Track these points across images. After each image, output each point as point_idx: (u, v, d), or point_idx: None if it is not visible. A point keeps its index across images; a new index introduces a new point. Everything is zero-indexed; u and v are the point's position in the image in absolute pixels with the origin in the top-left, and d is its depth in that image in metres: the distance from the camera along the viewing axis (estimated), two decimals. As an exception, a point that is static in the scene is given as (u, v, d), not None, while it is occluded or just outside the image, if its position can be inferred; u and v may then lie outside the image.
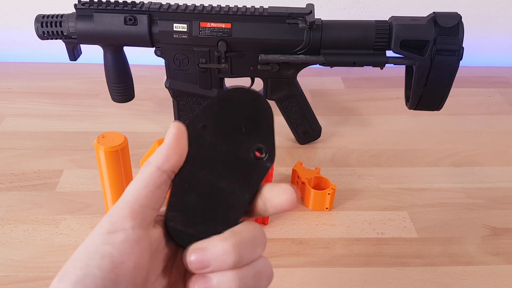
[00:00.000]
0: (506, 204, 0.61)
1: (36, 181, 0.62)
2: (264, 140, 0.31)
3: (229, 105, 0.30)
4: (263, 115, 0.31)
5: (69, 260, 0.27)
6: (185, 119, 0.70)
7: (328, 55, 0.61)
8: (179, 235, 0.31)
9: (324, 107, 0.81)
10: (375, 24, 0.60)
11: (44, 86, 0.84)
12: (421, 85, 0.61)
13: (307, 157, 0.69)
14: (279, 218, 0.58)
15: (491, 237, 0.56)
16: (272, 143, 0.31)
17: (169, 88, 0.67)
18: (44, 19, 0.61)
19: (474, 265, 0.53)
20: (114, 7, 0.60)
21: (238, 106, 0.30)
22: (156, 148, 0.58)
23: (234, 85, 0.57)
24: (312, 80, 0.89)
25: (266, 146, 0.30)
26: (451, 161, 0.69)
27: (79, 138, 0.71)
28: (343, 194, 0.62)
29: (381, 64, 0.61)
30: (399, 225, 0.57)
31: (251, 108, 0.31)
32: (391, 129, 0.76)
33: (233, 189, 0.30)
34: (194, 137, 0.30)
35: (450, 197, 0.62)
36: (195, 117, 0.30)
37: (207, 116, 0.30)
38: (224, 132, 0.30)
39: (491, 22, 0.95)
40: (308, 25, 0.58)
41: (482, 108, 0.82)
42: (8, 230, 0.55)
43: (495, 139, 0.74)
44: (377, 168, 0.67)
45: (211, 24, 0.60)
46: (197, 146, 0.30)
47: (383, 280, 0.51)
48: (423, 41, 0.58)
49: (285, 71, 0.64)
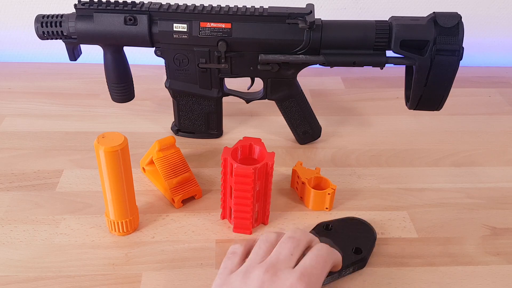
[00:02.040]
0: (506, 204, 0.61)
1: (36, 181, 0.62)
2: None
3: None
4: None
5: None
6: (185, 119, 0.70)
7: (328, 55, 0.61)
8: None
9: (324, 107, 0.81)
10: (375, 24, 0.60)
11: (44, 86, 0.84)
12: (421, 85, 0.61)
13: (307, 157, 0.69)
14: (279, 218, 0.58)
15: (491, 237, 0.56)
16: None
17: (169, 88, 0.67)
18: (44, 19, 0.61)
19: (474, 265, 0.53)
20: (114, 7, 0.60)
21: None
22: (156, 148, 0.58)
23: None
24: (312, 80, 0.89)
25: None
26: (451, 161, 0.69)
27: (79, 138, 0.71)
28: (343, 194, 0.62)
29: (381, 64, 0.61)
30: (399, 225, 0.57)
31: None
32: (391, 129, 0.76)
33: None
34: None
35: (450, 197, 0.62)
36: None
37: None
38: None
39: (491, 22, 0.95)
40: (308, 25, 0.58)
41: (482, 108, 0.82)
42: (8, 230, 0.55)
43: (495, 139, 0.74)
44: (377, 168, 0.67)
45: (211, 24, 0.60)
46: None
47: (383, 280, 0.51)
48: (423, 41, 0.58)
49: (285, 71, 0.64)
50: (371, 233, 0.54)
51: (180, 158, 0.60)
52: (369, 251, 0.52)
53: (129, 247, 0.53)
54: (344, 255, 0.49)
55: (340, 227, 0.54)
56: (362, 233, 0.54)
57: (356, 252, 0.51)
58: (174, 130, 0.72)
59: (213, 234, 0.55)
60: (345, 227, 0.54)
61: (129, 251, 0.53)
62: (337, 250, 0.48)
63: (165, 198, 0.60)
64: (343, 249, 0.50)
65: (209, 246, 0.54)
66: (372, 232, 0.54)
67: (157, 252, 0.53)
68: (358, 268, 0.51)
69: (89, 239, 0.54)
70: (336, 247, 0.50)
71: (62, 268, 0.50)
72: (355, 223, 0.55)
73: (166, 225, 0.56)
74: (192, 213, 0.58)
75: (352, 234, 0.53)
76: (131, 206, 0.53)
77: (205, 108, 0.68)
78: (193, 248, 0.53)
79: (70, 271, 0.50)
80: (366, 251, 0.51)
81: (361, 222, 0.56)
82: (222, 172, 0.53)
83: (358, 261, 0.50)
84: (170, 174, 0.58)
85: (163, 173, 0.58)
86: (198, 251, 0.53)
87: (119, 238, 0.54)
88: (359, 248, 0.51)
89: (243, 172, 0.50)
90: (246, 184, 0.51)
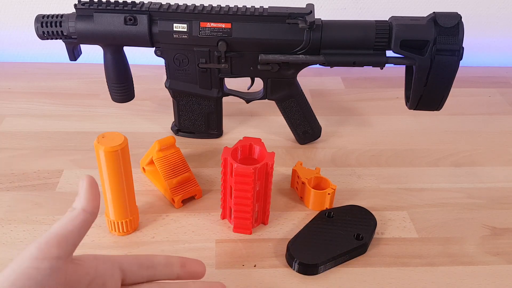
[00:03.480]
0: (506, 204, 0.61)
1: (36, 181, 0.62)
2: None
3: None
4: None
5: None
6: (185, 119, 0.70)
7: (328, 55, 0.61)
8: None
9: (324, 107, 0.81)
10: (375, 24, 0.60)
11: (44, 86, 0.84)
12: (421, 85, 0.61)
13: (307, 157, 0.69)
14: (279, 218, 0.58)
15: (491, 237, 0.56)
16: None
17: (169, 88, 0.67)
18: (44, 19, 0.61)
19: (474, 265, 0.53)
20: (114, 7, 0.60)
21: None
22: (156, 148, 0.58)
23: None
24: (312, 80, 0.89)
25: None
26: (451, 161, 0.69)
27: (79, 138, 0.71)
28: (343, 194, 0.62)
29: (381, 64, 0.61)
30: (399, 225, 0.57)
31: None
32: (391, 129, 0.76)
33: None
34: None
35: (450, 197, 0.62)
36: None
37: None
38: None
39: (491, 22, 0.95)
40: (308, 25, 0.58)
41: (482, 108, 0.82)
42: (8, 230, 0.55)
43: (495, 139, 0.74)
44: (377, 168, 0.67)
45: (211, 24, 0.60)
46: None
47: (383, 280, 0.51)
48: (423, 41, 0.58)
49: (285, 71, 0.64)
50: (372, 220, 0.56)
51: (180, 158, 0.60)
52: (370, 237, 0.53)
53: (129, 247, 0.53)
54: (346, 242, 0.52)
55: (342, 214, 0.56)
56: (363, 220, 0.56)
57: (357, 238, 0.53)
58: (174, 130, 0.72)
59: (213, 234, 0.55)
60: (346, 214, 0.56)
61: (129, 251, 0.53)
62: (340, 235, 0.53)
63: (165, 198, 0.60)
64: (345, 235, 0.53)
65: (209, 246, 0.54)
66: (372, 219, 0.56)
67: (157, 252, 0.53)
68: (359, 253, 0.53)
69: (89, 239, 0.54)
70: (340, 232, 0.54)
71: (62, 268, 0.50)
72: (356, 211, 0.57)
73: (166, 225, 0.56)
74: (192, 213, 0.58)
75: (353, 221, 0.55)
76: (131, 206, 0.53)
77: (205, 108, 0.68)
78: (193, 248, 0.53)
79: (70, 271, 0.50)
80: (367, 237, 0.53)
81: (362, 209, 0.57)
82: (222, 172, 0.53)
83: (359, 247, 0.52)
84: (170, 174, 0.58)
85: (163, 173, 0.58)
86: (198, 251, 0.53)
87: (119, 238, 0.54)
88: (360, 234, 0.53)
89: (243, 172, 0.50)
90: (246, 184, 0.51)
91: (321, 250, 0.51)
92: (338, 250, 0.51)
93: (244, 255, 0.53)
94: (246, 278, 0.50)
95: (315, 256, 0.51)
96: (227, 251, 0.53)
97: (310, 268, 0.50)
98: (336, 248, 0.52)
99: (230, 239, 0.55)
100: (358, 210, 0.57)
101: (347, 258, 0.52)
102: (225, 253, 0.53)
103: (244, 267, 0.51)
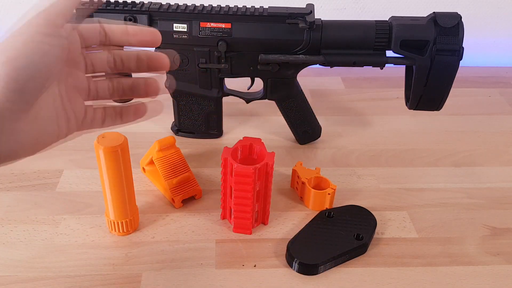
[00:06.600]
0: (506, 204, 0.61)
1: (36, 181, 0.62)
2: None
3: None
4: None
5: (6, 41, 0.32)
6: (185, 119, 0.70)
7: (328, 55, 0.61)
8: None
9: (324, 107, 0.81)
10: (375, 24, 0.60)
11: (44, 86, 0.84)
12: (421, 85, 0.61)
13: (307, 157, 0.69)
14: (278, 219, 0.58)
15: (491, 237, 0.56)
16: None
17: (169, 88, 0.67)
18: (44, 19, 0.61)
19: (474, 265, 0.53)
20: (114, 7, 0.60)
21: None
22: (156, 148, 0.58)
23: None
24: (312, 80, 0.89)
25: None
26: (451, 161, 0.69)
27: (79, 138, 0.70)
28: (343, 194, 0.62)
29: (381, 64, 0.61)
30: (399, 225, 0.57)
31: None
32: (391, 129, 0.76)
33: None
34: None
35: (450, 197, 0.62)
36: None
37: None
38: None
39: (491, 22, 0.95)
40: (308, 25, 0.58)
41: (482, 108, 0.82)
42: (8, 230, 0.55)
43: (495, 139, 0.74)
44: (377, 168, 0.67)
45: (211, 24, 0.60)
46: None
47: (383, 280, 0.51)
48: (423, 41, 0.58)
49: (285, 71, 0.64)
50: (372, 220, 0.56)
51: (180, 158, 0.60)
52: (369, 237, 0.53)
53: (129, 247, 0.53)
54: (346, 242, 0.52)
55: (342, 214, 0.56)
56: (363, 220, 0.56)
57: (357, 238, 0.53)
58: (174, 130, 0.72)
59: (213, 234, 0.55)
60: (346, 214, 0.56)
61: (129, 251, 0.53)
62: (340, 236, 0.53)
63: (165, 198, 0.60)
64: (345, 235, 0.53)
65: (209, 246, 0.54)
66: (372, 219, 0.56)
67: (157, 252, 0.53)
68: (359, 254, 0.53)
69: (89, 239, 0.54)
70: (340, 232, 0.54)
71: (62, 268, 0.50)
72: (356, 211, 0.57)
73: (166, 225, 0.56)
74: (192, 213, 0.58)
75: (353, 221, 0.55)
76: (131, 206, 0.53)
77: (205, 108, 0.68)
78: (193, 248, 0.53)
79: (70, 271, 0.50)
80: (367, 237, 0.53)
81: (362, 209, 0.57)
82: (222, 172, 0.53)
83: (359, 247, 0.52)
84: (170, 174, 0.58)
85: (163, 173, 0.58)
86: (198, 251, 0.53)
87: (119, 238, 0.54)
88: (360, 235, 0.53)
89: (243, 172, 0.50)
90: (246, 184, 0.51)
91: (321, 250, 0.51)
92: (338, 250, 0.51)
93: (244, 255, 0.53)
94: (246, 278, 0.50)
95: (315, 256, 0.51)
96: (227, 251, 0.53)
97: (310, 268, 0.50)
98: (336, 248, 0.52)
99: (230, 239, 0.55)
100: (358, 210, 0.57)
101: (347, 258, 0.52)
102: (225, 253, 0.53)
103: (244, 267, 0.51)
